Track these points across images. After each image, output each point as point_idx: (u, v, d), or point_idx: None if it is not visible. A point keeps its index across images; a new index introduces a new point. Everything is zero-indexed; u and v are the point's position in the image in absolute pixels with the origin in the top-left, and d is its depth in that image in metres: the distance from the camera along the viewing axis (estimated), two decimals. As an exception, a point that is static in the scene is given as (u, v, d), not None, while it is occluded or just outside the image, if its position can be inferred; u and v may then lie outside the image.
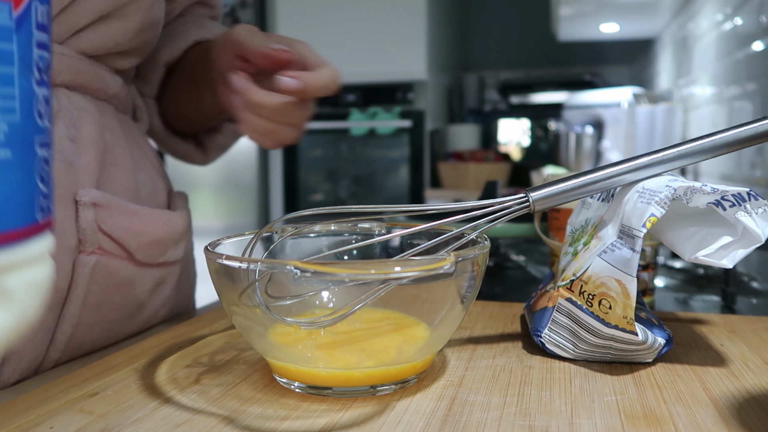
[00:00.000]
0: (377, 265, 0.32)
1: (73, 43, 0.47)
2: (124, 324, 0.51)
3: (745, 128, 0.41)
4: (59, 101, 0.46)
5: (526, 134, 2.99)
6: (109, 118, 0.51)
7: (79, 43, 0.48)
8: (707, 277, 0.76)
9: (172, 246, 0.54)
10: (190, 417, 0.34)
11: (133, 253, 0.49)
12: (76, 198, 0.46)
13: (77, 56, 0.48)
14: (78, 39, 0.47)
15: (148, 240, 0.50)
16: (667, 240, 0.41)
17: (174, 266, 0.57)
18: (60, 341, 0.46)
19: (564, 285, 0.43)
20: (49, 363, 0.46)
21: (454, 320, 0.39)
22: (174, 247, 0.54)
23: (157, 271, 0.54)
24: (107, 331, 0.50)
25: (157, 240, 0.51)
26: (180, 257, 0.57)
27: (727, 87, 1.49)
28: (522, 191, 0.42)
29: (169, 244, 0.53)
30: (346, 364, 0.37)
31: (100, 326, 0.49)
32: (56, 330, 0.46)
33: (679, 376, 0.39)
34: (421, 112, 2.60)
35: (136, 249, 0.50)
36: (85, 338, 0.48)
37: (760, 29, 1.26)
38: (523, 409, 0.34)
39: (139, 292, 0.52)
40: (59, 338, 0.46)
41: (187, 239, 0.58)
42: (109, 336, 0.50)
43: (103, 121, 0.50)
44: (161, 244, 0.52)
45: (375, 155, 2.74)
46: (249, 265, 0.35)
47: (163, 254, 0.53)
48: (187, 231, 0.57)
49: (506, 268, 0.83)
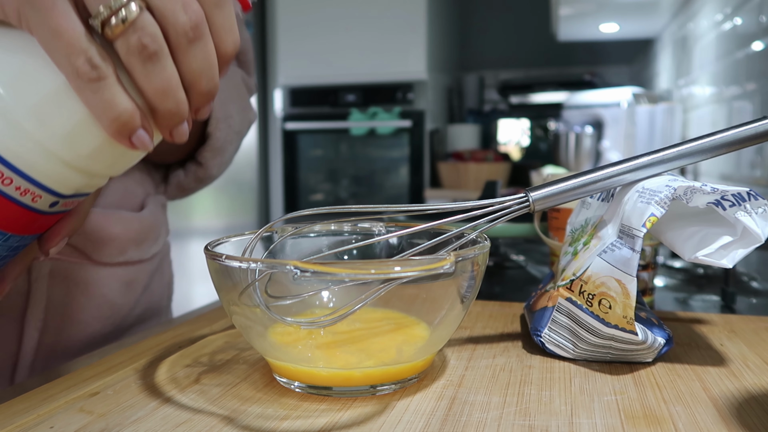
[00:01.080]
0: (377, 265, 0.32)
1: None
2: (97, 325, 0.51)
3: (745, 128, 0.41)
4: None
5: (526, 134, 2.99)
6: None
7: None
8: (707, 277, 0.76)
9: (133, 245, 0.54)
10: (190, 417, 0.34)
11: (89, 253, 0.49)
12: None
13: None
14: None
15: (102, 239, 0.50)
16: (667, 240, 0.41)
17: (141, 265, 0.56)
18: (28, 345, 0.46)
19: (564, 285, 0.43)
20: (23, 370, 0.46)
21: (454, 320, 0.39)
22: (135, 246, 0.54)
23: (122, 270, 0.53)
24: (80, 333, 0.49)
25: (112, 239, 0.51)
26: (147, 257, 0.57)
27: (727, 87, 1.49)
28: (522, 191, 0.42)
29: (127, 243, 0.53)
30: (346, 363, 0.37)
31: (70, 328, 0.49)
32: (23, 335, 0.46)
33: (678, 376, 0.39)
34: (420, 112, 2.60)
35: (92, 249, 0.49)
36: (55, 341, 0.48)
37: (759, 29, 1.26)
38: (523, 408, 0.34)
39: (105, 291, 0.51)
40: (27, 343, 0.46)
41: (151, 239, 0.57)
42: (83, 338, 0.50)
43: None
44: (117, 243, 0.52)
45: (375, 155, 2.75)
46: (249, 265, 0.35)
47: (122, 253, 0.53)
48: (150, 231, 0.56)
49: (506, 268, 0.83)
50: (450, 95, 3.08)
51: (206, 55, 0.30)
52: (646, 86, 2.62)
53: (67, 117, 0.30)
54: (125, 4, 0.28)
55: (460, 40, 3.27)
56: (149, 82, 0.29)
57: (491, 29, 3.23)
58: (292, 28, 2.67)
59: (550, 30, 2.48)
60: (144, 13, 0.28)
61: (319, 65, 2.66)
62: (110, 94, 0.28)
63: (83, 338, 0.50)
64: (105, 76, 0.28)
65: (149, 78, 0.29)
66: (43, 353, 0.47)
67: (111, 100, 0.28)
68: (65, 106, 0.30)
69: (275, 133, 2.80)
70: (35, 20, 0.27)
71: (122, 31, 0.28)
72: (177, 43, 0.29)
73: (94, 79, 0.28)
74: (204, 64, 0.30)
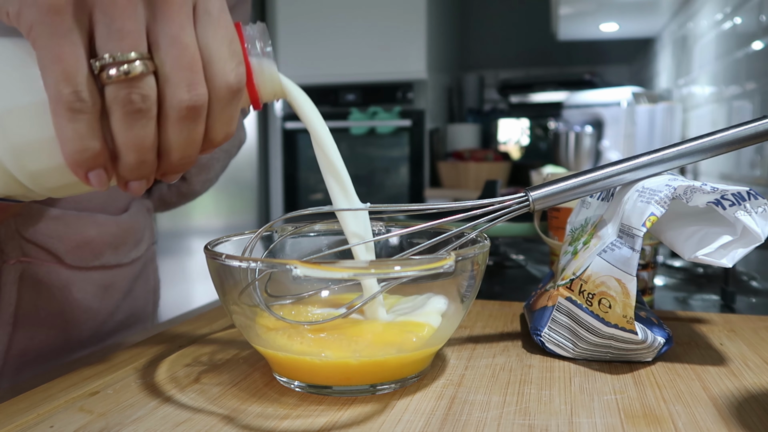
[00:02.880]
0: (377, 265, 0.32)
1: None
2: (73, 330, 0.50)
3: (745, 127, 0.41)
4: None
5: (526, 134, 2.99)
6: None
7: None
8: (707, 276, 0.76)
9: (109, 249, 0.52)
10: (190, 416, 0.34)
11: (61, 256, 0.48)
12: None
13: None
14: None
15: (76, 242, 0.49)
16: (667, 239, 0.41)
17: (120, 270, 0.55)
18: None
19: (564, 284, 0.43)
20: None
21: (454, 319, 0.39)
22: (112, 250, 0.53)
23: (97, 274, 0.52)
24: (53, 338, 0.48)
25: (87, 242, 0.50)
26: (126, 261, 0.56)
27: (727, 86, 1.49)
28: (522, 190, 0.42)
29: (102, 246, 0.52)
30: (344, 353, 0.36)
31: (42, 333, 0.48)
32: None
33: (678, 375, 0.39)
34: (420, 112, 2.60)
35: (65, 253, 0.48)
36: (26, 346, 0.47)
37: (759, 29, 1.26)
38: (523, 408, 0.34)
39: (79, 296, 0.50)
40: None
41: (130, 244, 0.56)
42: (57, 342, 0.49)
43: None
44: (92, 246, 0.51)
45: (375, 155, 2.75)
46: (249, 264, 0.35)
47: (97, 257, 0.51)
48: (129, 235, 0.55)
49: (506, 267, 0.83)
50: (450, 95, 3.08)
51: (191, 135, 0.31)
52: (646, 86, 2.62)
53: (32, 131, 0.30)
54: (131, 60, 0.28)
55: (460, 40, 3.27)
56: (122, 133, 0.29)
57: (491, 29, 3.23)
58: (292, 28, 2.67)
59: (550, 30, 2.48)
60: (148, 76, 0.28)
61: (319, 64, 2.66)
62: (84, 128, 0.28)
63: (58, 344, 0.49)
64: (85, 111, 0.28)
65: (123, 129, 0.29)
66: (14, 359, 0.46)
67: (82, 133, 0.28)
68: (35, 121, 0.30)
69: (275, 132, 2.80)
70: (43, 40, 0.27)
71: (117, 81, 0.28)
72: (167, 115, 0.30)
73: (75, 110, 0.28)
74: (185, 142, 0.31)
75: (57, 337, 0.49)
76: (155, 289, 0.64)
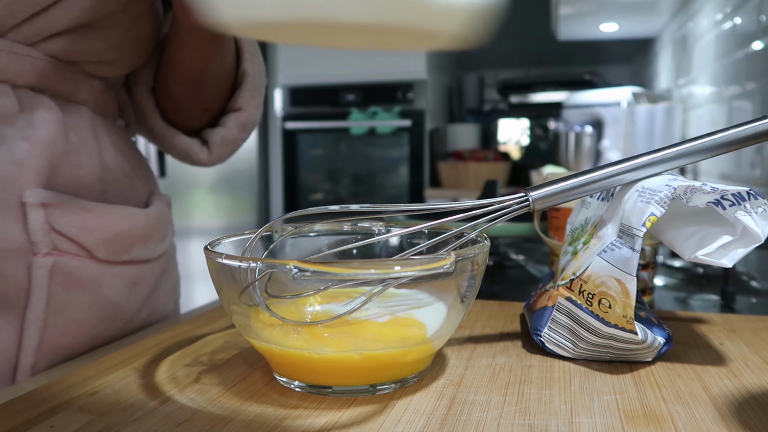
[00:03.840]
0: (377, 265, 0.32)
1: (43, 46, 0.47)
2: (101, 327, 0.50)
3: (745, 127, 0.41)
4: (20, 101, 0.46)
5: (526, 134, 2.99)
6: (79, 119, 0.50)
7: (50, 47, 0.47)
8: (707, 277, 0.76)
9: (138, 243, 0.52)
10: (190, 416, 0.34)
11: (92, 250, 0.48)
12: (23, 200, 0.44)
13: (45, 59, 0.47)
14: (49, 43, 0.47)
15: (106, 236, 0.49)
16: (667, 239, 0.41)
17: (148, 265, 0.55)
18: (29, 346, 0.45)
19: (564, 284, 0.43)
20: (24, 370, 0.45)
21: (454, 319, 0.39)
22: (141, 244, 0.53)
23: (127, 269, 0.52)
24: (83, 335, 0.48)
25: (117, 235, 0.50)
26: (154, 256, 0.56)
27: (727, 86, 1.50)
28: (522, 190, 0.42)
29: (132, 240, 0.52)
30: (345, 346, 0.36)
31: (73, 329, 0.48)
32: (22, 335, 0.45)
33: (678, 375, 0.39)
34: (420, 112, 2.60)
35: (95, 246, 0.48)
36: (58, 342, 0.47)
37: (759, 29, 1.26)
38: (523, 408, 0.34)
39: (109, 291, 0.50)
40: (27, 343, 0.45)
41: (157, 238, 0.56)
42: (86, 340, 0.49)
43: (69, 122, 0.49)
44: (123, 240, 0.51)
45: (375, 155, 2.75)
46: (249, 264, 0.35)
47: (127, 251, 0.51)
48: (156, 229, 0.55)
49: (506, 268, 0.83)
50: (450, 95, 3.08)
51: None
52: (646, 86, 2.62)
53: None
54: None
55: (460, 40, 3.26)
56: None
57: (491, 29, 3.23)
58: (292, 28, 2.67)
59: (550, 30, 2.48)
60: None
61: (319, 65, 2.66)
62: None
63: (87, 340, 0.49)
64: None
65: None
66: (45, 355, 0.46)
67: None
68: None
69: (275, 132, 2.80)
70: None
71: None
72: None
73: None
74: None
75: (86, 333, 0.49)
76: (176, 287, 0.64)
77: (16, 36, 0.45)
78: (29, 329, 0.45)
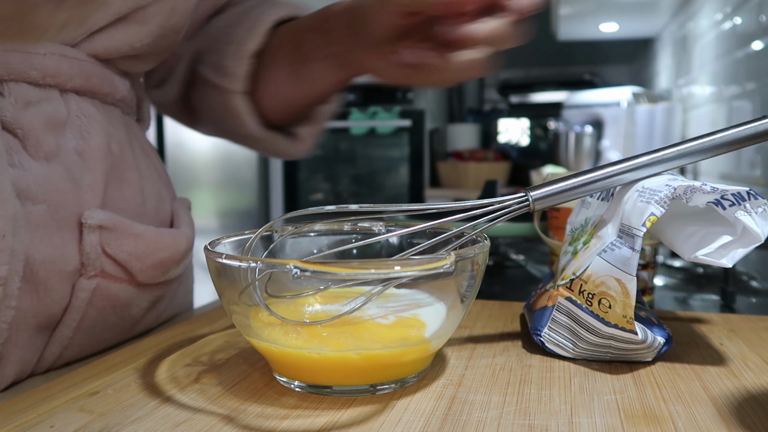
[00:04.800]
0: (377, 265, 0.32)
1: (86, 45, 0.46)
2: (114, 339, 0.50)
3: (745, 128, 0.41)
4: (68, 108, 0.44)
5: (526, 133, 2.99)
6: (116, 124, 0.49)
7: (92, 45, 0.46)
8: (707, 276, 0.76)
9: (174, 266, 0.52)
10: (190, 416, 0.34)
11: (135, 275, 0.47)
12: (81, 220, 0.43)
13: (89, 60, 0.46)
14: (91, 41, 0.46)
15: (151, 262, 0.48)
16: (667, 239, 0.41)
17: (173, 283, 0.55)
18: (47, 360, 0.45)
19: (564, 284, 0.43)
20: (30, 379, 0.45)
21: (454, 319, 0.39)
22: (176, 266, 0.52)
23: (157, 291, 0.52)
24: (96, 348, 0.48)
25: (161, 261, 0.49)
26: (180, 273, 0.55)
27: (727, 86, 1.50)
28: (521, 191, 0.42)
29: (171, 264, 0.51)
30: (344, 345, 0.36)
31: (92, 346, 0.47)
32: (45, 350, 0.44)
33: (678, 375, 0.39)
34: (420, 112, 2.60)
35: (139, 271, 0.48)
36: (74, 356, 0.46)
37: (759, 29, 1.26)
38: (523, 408, 0.34)
39: (135, 312, 0.50)
40: (47, 357, 0.45)
41: (189, 257, 0.55)
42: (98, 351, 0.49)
43: (110, 130, 0.48)
44: (164, 265, 0.50)
45: (375, 155, 2.75)
46: (249, 264, 0.35)
47: (164, 274, 0.51)
48: (189, 249, 0.54)
49: (506, 267, 0.83)
50: (450, 95, 3.08)
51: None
52: (646, 86, 2.62)
53: None
54: None
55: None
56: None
57: (491, 29, 3.23)
58: None
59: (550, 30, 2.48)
60: None
61: (319, 65, 2.66)
62: None
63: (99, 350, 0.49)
64: None
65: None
66: (58, 365, 0.46)
67: None
68: None
69: (275, 132, 2.79)
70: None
71: None
72: None
73: None
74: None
75: (101, 347, 0.49)
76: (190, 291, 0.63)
77: (61, 38, 0.44)
78: (53, 346, 0.44)
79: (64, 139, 0.44)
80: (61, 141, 0.43)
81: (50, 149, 0.43)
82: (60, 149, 0.43)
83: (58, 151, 0.43)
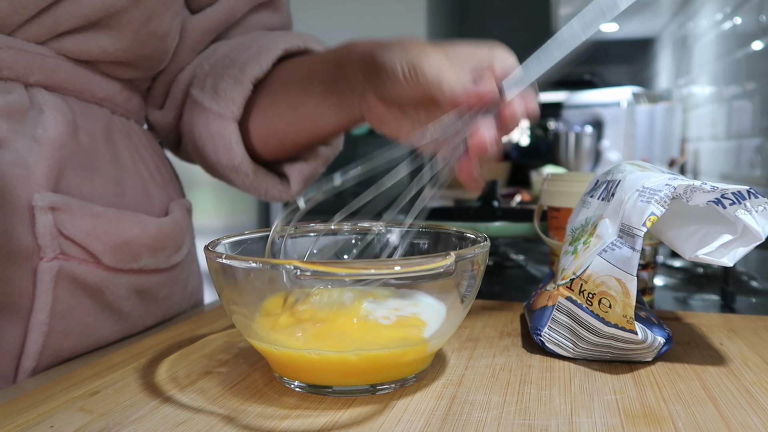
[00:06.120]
0: (377, 265, 0.32)
1: (54, 44, 0.47)
2: (104, 329, 0.49)
3: None
4: (32, 99, 0.45)
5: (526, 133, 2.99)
6: (93, 120, 0.49)
7: (61, 45, 0.47)
8: (707, 276, 0.76)
9: (148, 252, 0.51)
10: (190, 416, 0.34)
11: (99, 256, 0.47)
12: (31, 203, 0.43)
13: (56, 57, 0.47)
14: (59, 41, 0.47)
15: (114, 242, 0.48)
16: (667, 239, 0.41)
17: (158, 275, 0.53)
18: (32, 350, 0.44)
19: (564, 284, 0.43)
20: (25, 373, 0.45)
21: (454, 319, 0.39)
22: (151, 254, 0.51)
23: (134, 278, 0.51)
24: (86, 337, 0.48)
25: (125, 243, 0.48)
26: (165, 267, 0.54)
27: (727, 86, 1.50)
28: None
29: (141, 248, 0.50)
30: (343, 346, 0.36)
31: (76, 333, 0.47)
32: (26, 339, 0.44)
33: (678, 375, 0.39)
34: (420, 112, 2.60)
35: (102, 252, 0.47)
36: (61, 345, 0.46)
37: (759, 29, 1.26)
38: (523, 408, 0.34)
39: (111, 298, 0.49)
40: (30, 347, 0.44)
41: (170, 248, 0.54)
42: (89, 342, 0.48)
43: (81, 123, 0.48)
44: (130, 247, 0.49)
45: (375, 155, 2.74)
46: (249, 264, 0.35)
47: (135, 260, 0.50)
48: (169, 239, 0.53)
49: (506, 267, 0.83)
50: (450, 95, 3.07)
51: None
52: (646, 86, 2.62)
53: None
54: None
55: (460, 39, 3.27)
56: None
57: (491, 28, 3.23)
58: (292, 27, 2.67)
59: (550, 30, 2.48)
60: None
61: (319, 65, 2.66)
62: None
63: (90, 342, 0.48)
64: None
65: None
66: (47, 358, 0.46)
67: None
68: None
69: (275, 132, 2.80)
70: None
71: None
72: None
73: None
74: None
75: (90, 336, 0.48)
76: (195, 291, 0.62)
77: (25, 34, 0.45)
78: (33, 333, 0.44)
79: (22, 126, 0.44)
80: (18, 128, 0.44)
81: (1, 135, 0.43)
82: (16, 135, 0.44)
83: (13, 137, 0.44)
